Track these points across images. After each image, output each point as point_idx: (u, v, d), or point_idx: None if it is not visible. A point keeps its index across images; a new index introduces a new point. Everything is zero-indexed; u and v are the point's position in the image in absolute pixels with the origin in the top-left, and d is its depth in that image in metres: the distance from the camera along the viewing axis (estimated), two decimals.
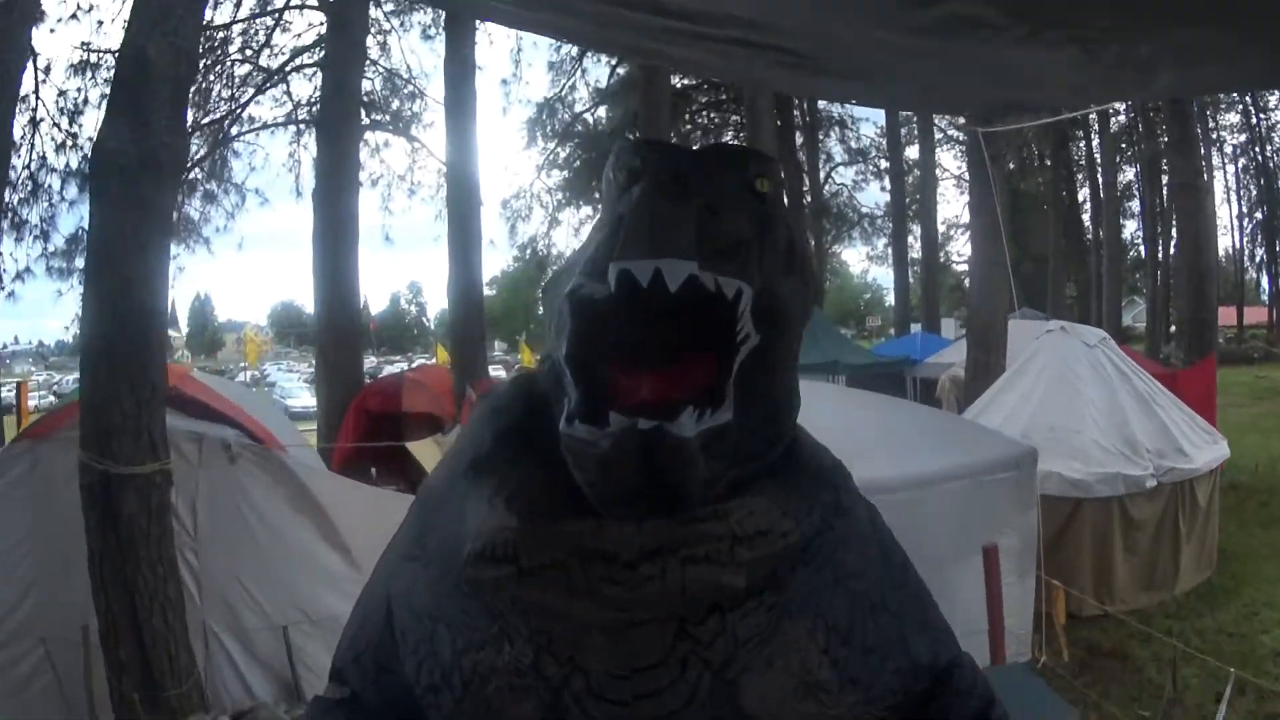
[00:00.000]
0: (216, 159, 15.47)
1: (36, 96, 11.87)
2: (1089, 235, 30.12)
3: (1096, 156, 28.44)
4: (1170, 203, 27.08)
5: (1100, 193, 28.04)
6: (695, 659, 0.78)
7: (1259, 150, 29.73)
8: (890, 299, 31.97)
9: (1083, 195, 30.90)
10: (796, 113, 24.42)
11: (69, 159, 12.58)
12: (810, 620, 0.83)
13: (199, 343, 69.96)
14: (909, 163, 27.49)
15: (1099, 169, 28.21)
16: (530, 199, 23.45)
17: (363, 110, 14.05)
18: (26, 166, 12.14)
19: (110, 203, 3.55)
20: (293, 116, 15.01)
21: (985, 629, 4.18)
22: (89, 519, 3.49)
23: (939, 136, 27.31)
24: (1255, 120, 28.84)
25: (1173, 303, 27.04)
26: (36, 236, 12.61)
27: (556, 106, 22.32)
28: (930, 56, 2.21)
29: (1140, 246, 32.37)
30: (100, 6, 12.78)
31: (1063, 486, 5.63)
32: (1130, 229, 32.42)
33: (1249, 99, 27.90)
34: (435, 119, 15.90)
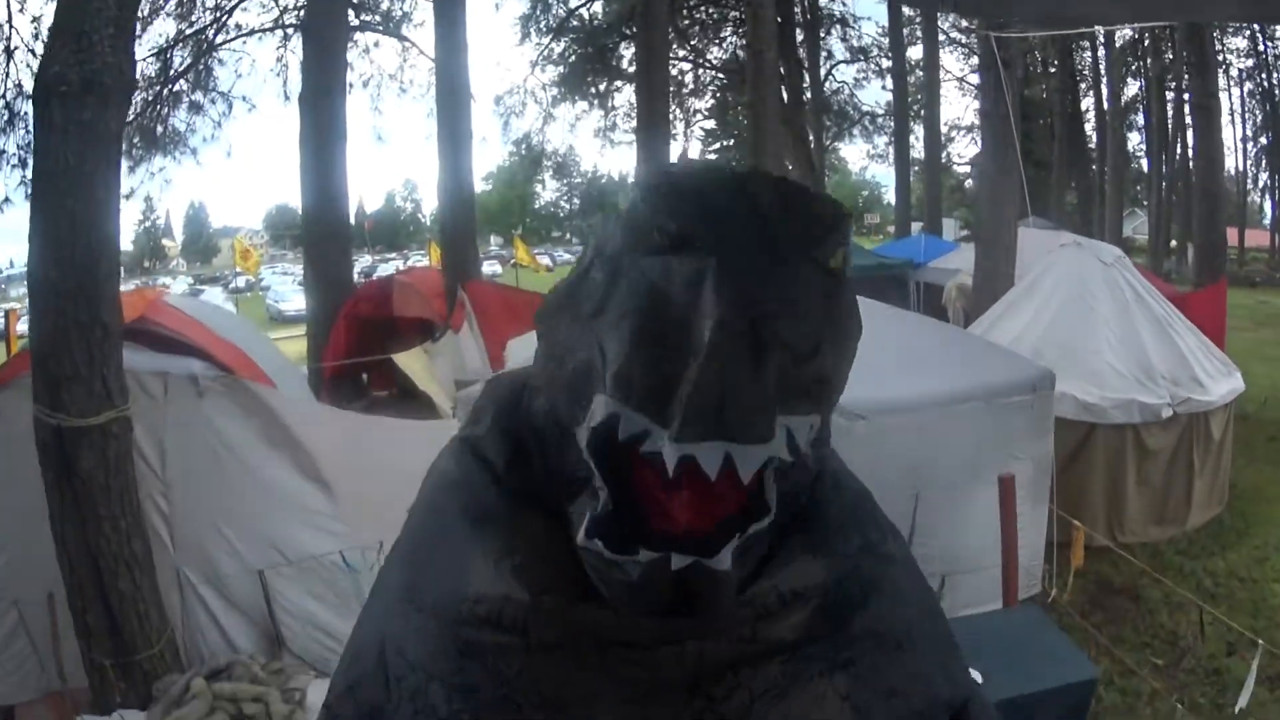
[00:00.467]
0: (201, 69, 15.16)
1: (10, 24, 11.56)
2: (1092, 145, 29.96)
3: (1101, 69, 28.11)
4: (1176, 120, 26.88)
5: (1105, 104, 27.82)
6: (711, 715, 0.73)
7: (1266, 77, 29.42)
8: (888, 197, 31.94)
9: (1086, 105, 30.65)
10: (797, 9, 23.77)
11: None
12: (829, 665, 0.77)
13: (194, 250, 69.82)
14: (912, 63, 26.96)
15: (1104, 81, 27.93)
16: (524, 95, 23.37)
17: (351, 11, 13.71)
18: (2, 95, 11.84)
19: (52, 130, 3.27)
20: (280, 21, 14.62)
21: (998, 564, 4.04)
22: (46, 477, 3.30)
23: (942, 38, 26.64)
24: (1263, 46, 28.44)
25: (1175, 219, 27.18)
26: (14, 165, 12.22)
27: (550, 1, 21.89)
28: None
29: (1142, 160, 32.33)
30: None
31: (1076, 410, 5.44)
32: (1133, 141, 32.34)
33: (1257, 25, 27.59)
34: (426, 17, 15.52)
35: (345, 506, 3.92)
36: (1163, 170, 27.28)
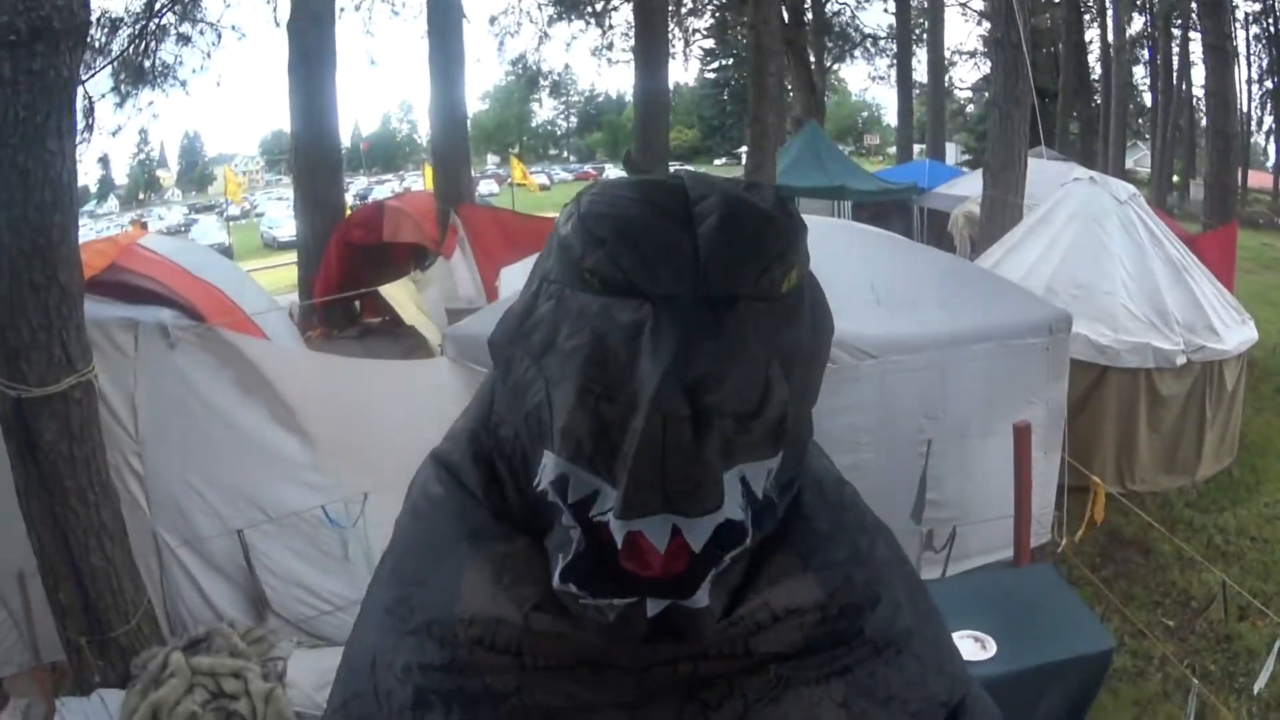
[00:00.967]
0: (188, 1, 14.89)
1: None
2: (1095, 78, 29.56)
3: (1107, 2, 27.63)
4: (1182, 57, 26.39)
5: (1109, 36, 27.44)
6: None
7: (1273, 21, 29.02)
8: (887, 118, 31.79)
9: (1090, 37, 30.13)
10: None
11: None
12: (824, 673, 0.76)
13: (189, 180, 69.05)
14: None
15: (1109, 12, 27.49)
16: (520, 14, 23.28)
17: None
18: None
19: (2, 84, 3.00)
20: None
21: (1009, 514, 3.91)
22: (9, 451, 3.13)
23: None
24: None
25: (1178, 155, 26.90)
26: None
27: None
28: None
29: (1144, 93, 32.11)
30: None
31: (1089, 351, 5.28)
32: (1137, 75, 31.98)
33: None
34: None
35: (327, 457, 3.76)
36: (1168, 107, 26.79)
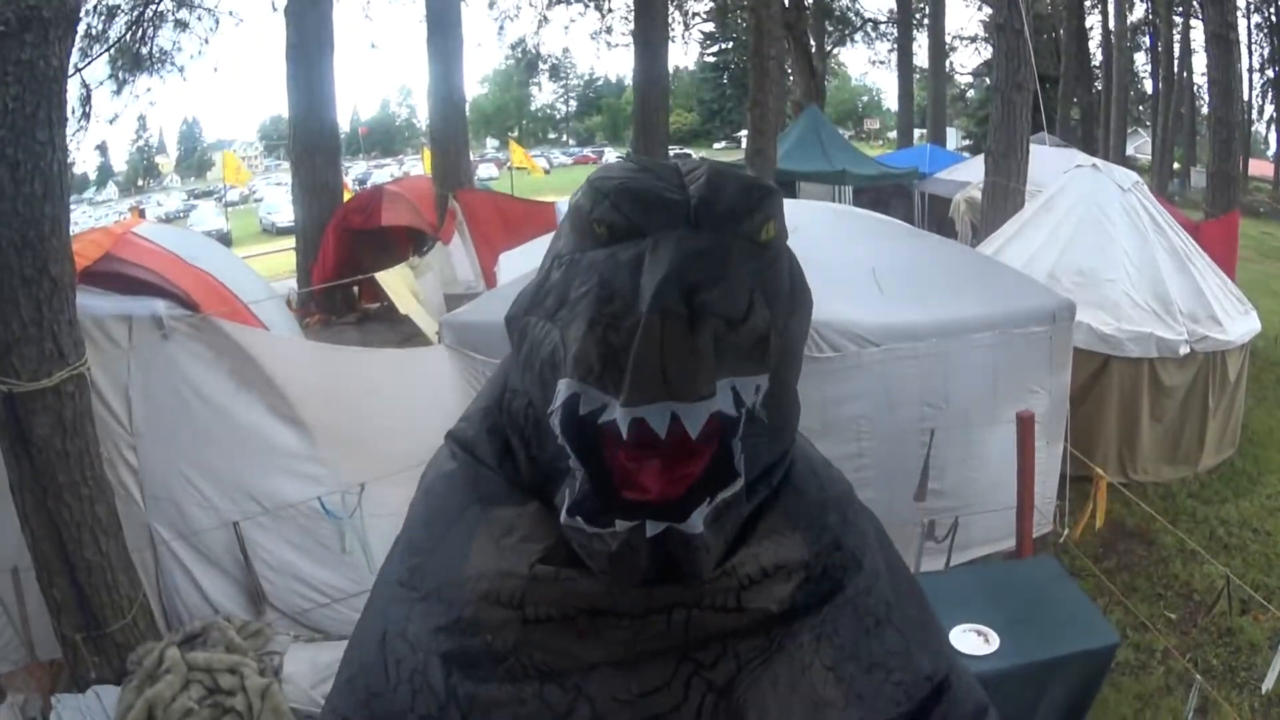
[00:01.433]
0: None
1: None
2: (1097, 64, 29.55)
3: None
4: (1183, 45, 26.21)
5: (1110, 23, 27.32)
6: (699, 681, 0.77)
7: (1274, 10, 29.05)
8: (887, 102, 31.79)
9: (1090, 23, 30.15)
10: None
11: None
12: (814, 638, 0.81)
13: (188, 166, 68.66)
14: None
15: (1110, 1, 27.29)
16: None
17: None
18: None
19: None
20: None
21: (1012, 504, 3.88)
22: (1, 447, 3.09)
23: None
24: None
25: (1178, 142, 26.84)
26: None
27: None
28: None
29: (1145, 81, 32.23)
30: None
31: (1091, 340, 5.23)
32: (1138, 62, 32.12)
33: None
34: None
35: (324, 447, 3.72)
36: (1169, 95, 26.71)
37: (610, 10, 24.12)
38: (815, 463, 0.93)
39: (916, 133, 22.58)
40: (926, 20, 24.86)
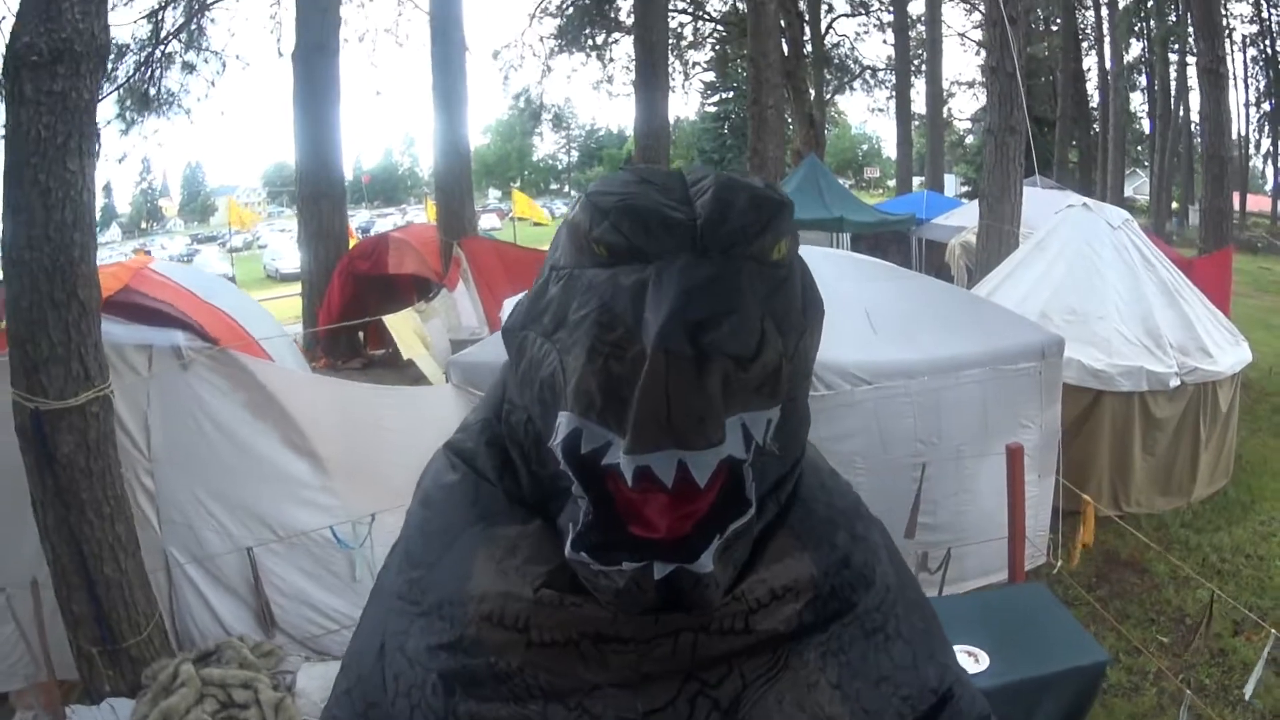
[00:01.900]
0: (194, 29, 15.04)
1: None
2: (1094, 106, 29.81)
3: (1105, 28, 27.90)
4: (1180, 83, 26.61)
5: (1107, 64, 27.56)
6: (704, 700, 0.76)
7: (1268, 43, 29.33)
8: (887, 150, 31.84)
9: (1087, 64, 30.55)
10: None
11: None
12: (819, 655, 0.80)
13: (191, 210, 69.49)
14: (913, 17, 26.57)
15: (1106, 39, 27.72)
16: (522, 48, 23.86)
17: None
18: None
19: (23, 104, 3.14)
20: None
21: (1005, 535, 3.96)
22: (26, 462, 3.20)
23: None
24: (1266, 13, 28.42)
25: (1176, 181, 27.08)
26: None
27: None
28: None
29: (1143, 120, 32.20)
30: None
31: (1083, 376, 5.33)
32: (1135, 102, 32.17)
33: None
34: None
35: (336, 479, 3.83)
36: (1165, 133, 27.03)
37: (612, 60, 24.52)
38: (824, 474, 0.91)
39: (916, 180, 22.64)
40: (924, 66, 25.18)
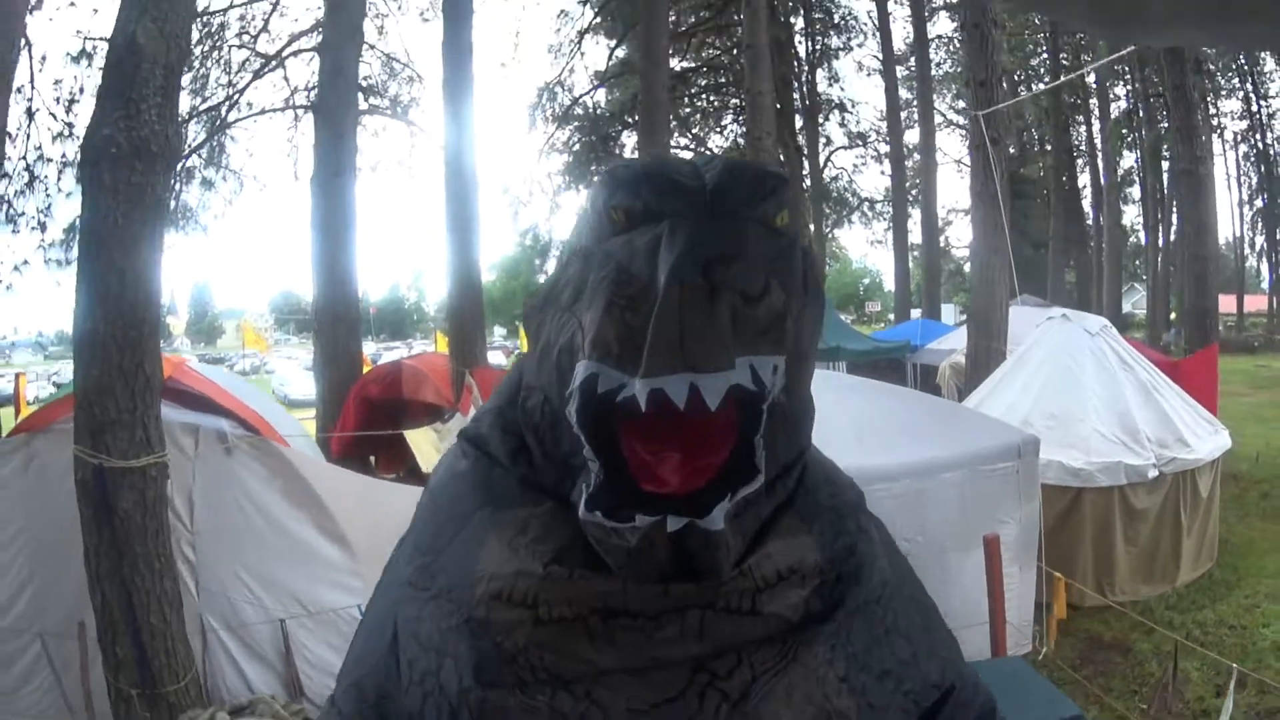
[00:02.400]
0: (214, 145, 15.41)
1: (32, 86, 11.51)
2: (1089, 221, 30.08)
3: (1097, 142, 28.36)
4: (1173, 190, 27.11)
5: (1101, 178, 27.94)
6: (713, 691, 0.77)
7: (1259, 137, 29.65)
8: (889, 284, 31.69)
9: (1083, 182, 30.91)
10: (796, 96, 24.24)
11: (65, 149, 12.26)
12: (828, 648, 0.81)
13: (199, 330, 70.28)
14: (909, 147, 27.28)
15: (1099, 154, 28.13)
16: (531, 184, 23.83)
17: (360, 95, 13.81)
18: (23, 157, 11.80)
19: (102, 191, 3.48)
20: (290, 101, 14.82)
21: (987, 620, 4.19)
22: (84, 513, 3.44)
23: (939, 120, 27.22)
24: (1255, 107, 28.88)
25: (1173, 290, 26.94)
26: (34, 227, 12.31)
27: (556, 90, 22.30)
28: None
29: (1141, 233, 32.35)
30: None
31: (1063, 475, 5.60)
32: (1131, 215, 32.46)
33: (1250, 86, 27.93)
34: (433, 101, 16.08)
35: (364, 563, 4.09)
36: (1159, 243, 27.37)
37: None
38: (828, 468, 0.95)
39: (915, 312, 22.51)
40: (919, 195, 25.40)
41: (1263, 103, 28.72)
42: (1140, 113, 26.91)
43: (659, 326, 0.68)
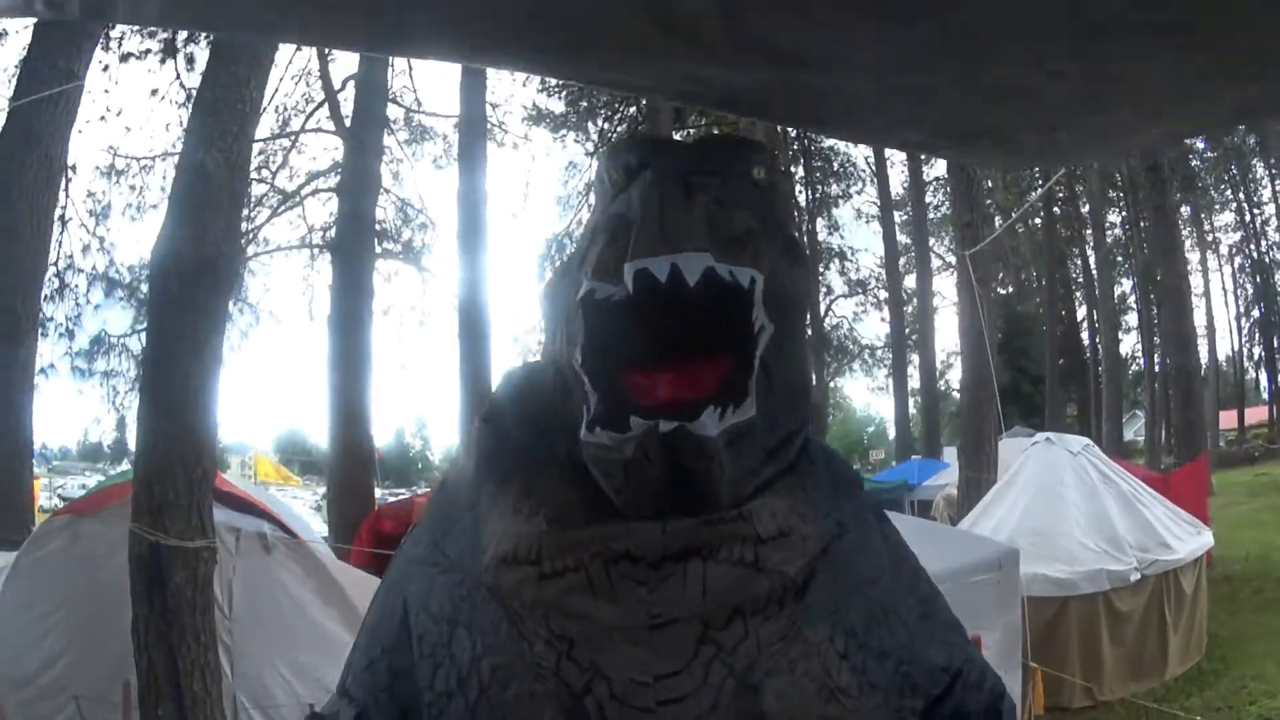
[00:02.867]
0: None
1: (66, 195, 11.70)
2: (1088, 354, 30.03)
3: (1094, 272, 28.60)
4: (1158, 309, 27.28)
5: (1096, 308, 28.03)
6: (719, 664, 0.77)
7: (1253, 246, 29.77)
8: (892, 432, 30.59)
9: (1080, 314, 31.10)
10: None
11: (95, 261, 12.86)
12: (829, 625, 0.82)
13: None
14: (908, 292, 27.41)
15: (1095, 283, 28.33)
16: (540, 334, 23.69)
17: (375, 238, 13.83)
18: (54, 263, 11.83)
19: (169, 303, 3.78)
20: (307, 240, 15.01)
21: None
22: (136, 585, 3.66)
23: (937, 263, 27.57)
24: (1249, 217, 29.08)
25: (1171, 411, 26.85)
26: (61, 334, 12.76)
27: (565, 241, 22.51)
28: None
29: (1140, 359, 32.13)
30: (126, 111, 13.18)
31: (1048, 587, 5.79)
32: (1129, 343, 32.32)
33: (1242, 196, 28.16)
34: (446, 248, 15.75)
35: None
36: (1154, 367, 27.12)
37: None
38: (829, 451, 0.99)
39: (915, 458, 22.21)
40: (917, 339, 25.46)
41: (1256, 211, 28.76)
42: (1133, 238, 26.99)
43: (643, 218, 0.77)
